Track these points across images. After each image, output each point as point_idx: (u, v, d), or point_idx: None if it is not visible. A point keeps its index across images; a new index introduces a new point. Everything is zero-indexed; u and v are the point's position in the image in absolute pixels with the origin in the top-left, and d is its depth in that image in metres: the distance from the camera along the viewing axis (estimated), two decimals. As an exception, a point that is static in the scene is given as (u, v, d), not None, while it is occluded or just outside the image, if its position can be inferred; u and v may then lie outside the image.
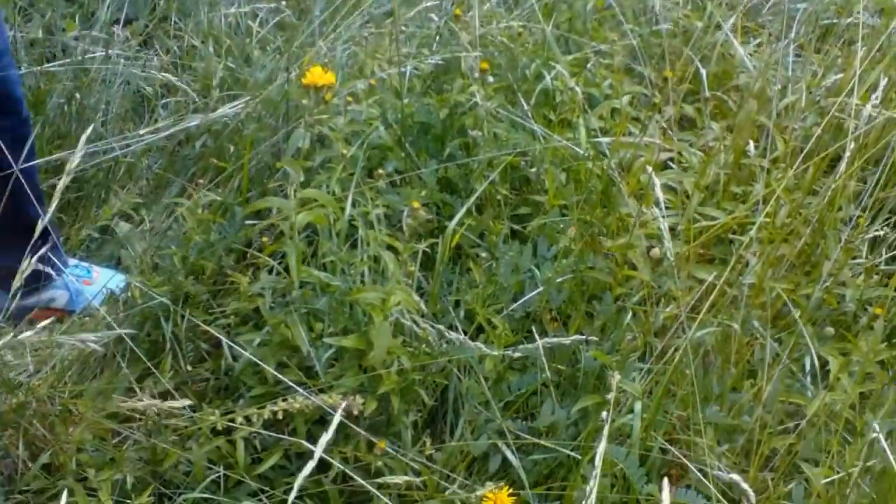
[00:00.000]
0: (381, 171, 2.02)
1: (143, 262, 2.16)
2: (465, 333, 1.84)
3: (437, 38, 2.66)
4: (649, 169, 1.86)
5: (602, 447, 1.22)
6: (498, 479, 1.76)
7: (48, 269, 2.19)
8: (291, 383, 1.81)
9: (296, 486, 1.31)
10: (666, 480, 1.01)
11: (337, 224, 1.96)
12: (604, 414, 1.31)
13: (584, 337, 1.83)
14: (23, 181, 1.92)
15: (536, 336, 1.82)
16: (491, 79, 2.34)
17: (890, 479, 1.53)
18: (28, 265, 1.66)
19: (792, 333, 1.95)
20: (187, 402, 1.73)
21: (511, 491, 1.66)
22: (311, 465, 1.31)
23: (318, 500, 1.78)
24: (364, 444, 1.82)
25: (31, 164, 1.99)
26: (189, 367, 1.97)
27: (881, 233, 2.08)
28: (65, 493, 1.49)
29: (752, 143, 2.38)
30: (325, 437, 1.31)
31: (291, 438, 1.74)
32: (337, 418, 1.28)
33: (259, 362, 1.83)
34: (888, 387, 1.84)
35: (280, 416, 1.77)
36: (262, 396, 1.87)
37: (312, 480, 1.74)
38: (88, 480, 1.80)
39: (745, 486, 1.50)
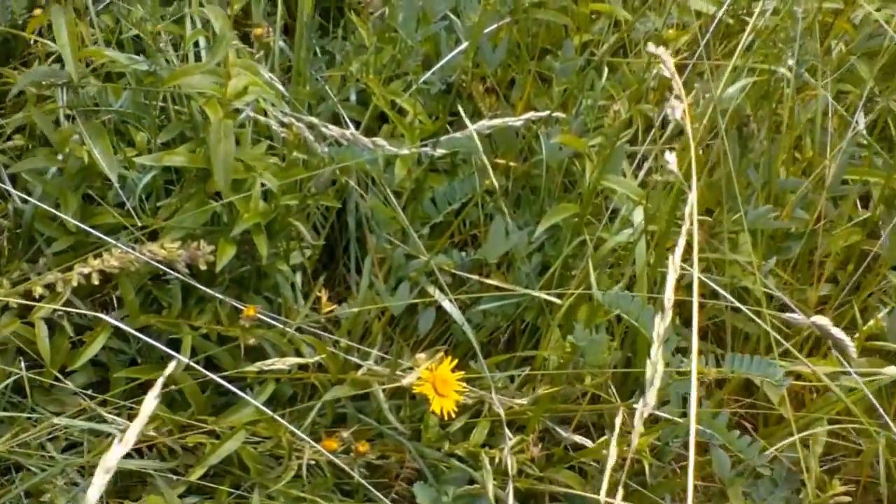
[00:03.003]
0: None
1: None
2: (358, 127, 1.19)
3: None
4: None
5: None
6: (432, 344, 1.16)
7: None
8: (101, 235, 1.17)
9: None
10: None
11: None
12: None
13: (541, 114, 1.17)
14: None
15: (467, 120, 1.16)
16: None
17: None
18: None
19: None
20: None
21: (455, 364, 1.06)
22: (170, 369, 0.69)
23: (179, 399, 1.19)
24: (227, 311, 1.20)
25: None
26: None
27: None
28: None
29: None
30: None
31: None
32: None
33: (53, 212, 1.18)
34: None
35: (96, 281, 1.17)
36: (69, 252, 1.24)
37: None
38: None
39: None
